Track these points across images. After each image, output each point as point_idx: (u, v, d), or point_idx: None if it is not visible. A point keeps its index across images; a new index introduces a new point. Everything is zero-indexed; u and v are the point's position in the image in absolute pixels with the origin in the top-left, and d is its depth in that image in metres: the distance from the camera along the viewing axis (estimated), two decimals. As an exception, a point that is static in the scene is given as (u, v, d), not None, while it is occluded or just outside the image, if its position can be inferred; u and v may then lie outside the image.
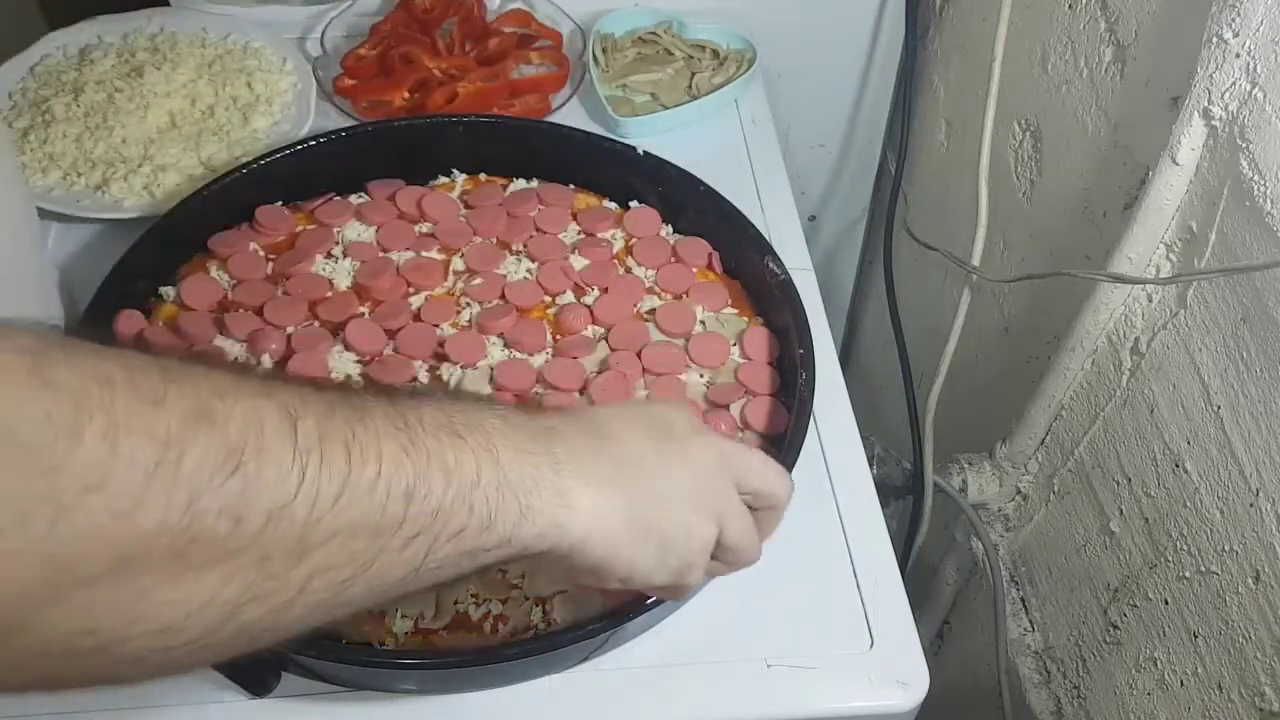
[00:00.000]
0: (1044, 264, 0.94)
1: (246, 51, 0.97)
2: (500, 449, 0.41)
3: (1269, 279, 0.63)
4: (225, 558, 0.33)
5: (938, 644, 1.17)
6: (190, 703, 0.62)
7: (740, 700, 0.64)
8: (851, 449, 0.77)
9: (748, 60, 1.02)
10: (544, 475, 0.42)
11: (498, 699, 0.63)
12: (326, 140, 0.83)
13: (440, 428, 0.40)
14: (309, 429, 0.35)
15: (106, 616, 0.32)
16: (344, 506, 0.35)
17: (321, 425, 0.36)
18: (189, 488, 0.32)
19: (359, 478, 0.36)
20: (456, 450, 0.39)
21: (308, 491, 0.34)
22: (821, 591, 0.69)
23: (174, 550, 0.32)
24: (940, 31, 1.13)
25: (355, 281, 0.78)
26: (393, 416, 0.38)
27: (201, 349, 0.73)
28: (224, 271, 0.78)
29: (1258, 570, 0.67)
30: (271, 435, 0.34)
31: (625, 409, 0.50)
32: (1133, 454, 0.81)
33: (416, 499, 0.38)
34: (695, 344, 0.76)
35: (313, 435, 0.35)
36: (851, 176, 1.32)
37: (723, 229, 0.81)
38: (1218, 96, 0.66)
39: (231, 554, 0.33)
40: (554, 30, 1.03)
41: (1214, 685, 0.73)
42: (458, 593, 0.62)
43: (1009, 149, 0.98)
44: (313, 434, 0.35)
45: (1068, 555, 0.91)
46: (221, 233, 0.80)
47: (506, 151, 0.86)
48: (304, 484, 0.34)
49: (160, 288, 0.77)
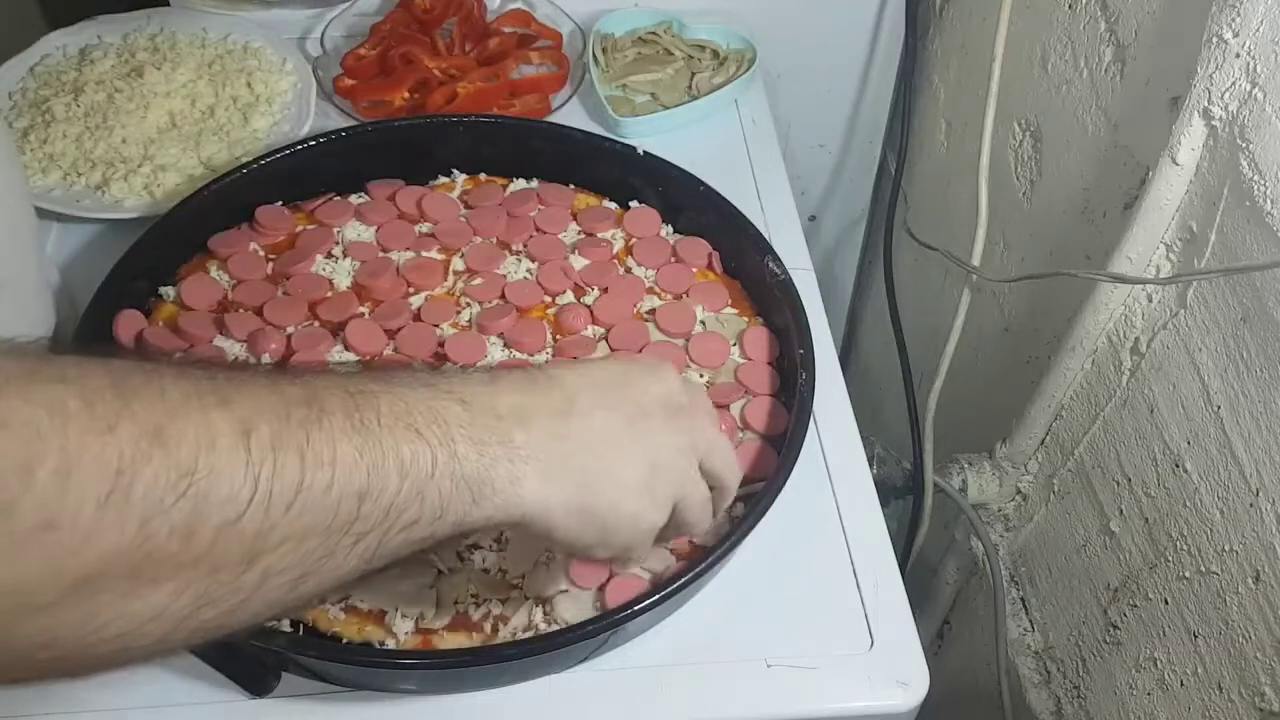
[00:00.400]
0: (1044, 264, 0.94)
1: (246, 51, 0.97)
2: (458, 441, 0.41)
3: (1269, 279, 0.63)
4: (177, 571, 0.34)
5: (938, 644, 1.17)
6: (190, 703, 0.62)
7: (740, 700, 0.64)
8: (851, 449, 0.77)
9: (748, 60, 1.02)
10: (500, 467, 0.43)
11: (498, 699, 0.63)
12: (326, 140, 0.83)
13: (398, 420, 0.40)
14: (263, 439, 0.36)
15: (65, 632, 0.33)
16: (297, 514, 0.36)
17: (276, 434, 0.36)
18: (141, 512, 0.33)
19: (312, 483, 0.36)
20: (413, 446, 0.40)
21: (260, 502, 0.35)
22: (821, 591, 0.69)
23: (128, 569, 0.33)
24: (940, 31, 1.13)
25: (355, 281, 0.78)
26: (350, 413, 0.39)
27: (201, 349, 0.73)
28: (224, 271, 0.78)
29: (1258, 570, 0.67)
30: (224, 452, 0.35)
31: (602, 373, 0.50)
32: (1133, 454, 0.81)
33: (370, 498, 0.38)
34: (695, 344, 0.76)
35: (266, 446, 0.36)
36: (851, 176, 1.32)
37: (723, 229, 0.81)
38: (1218, 96, 0.66)
39: (184, 567, 0.34)
40: (554, 30, 1.03)
41: (1214, 685, 0.73)
42: (458, 593, 0.62)
43: (1009, 149, 0.98)
44: (266, 444, 0.36)
45: (1068, 555, 0.91)
46: (221, 233, 0.80)
47: (506, 151, 0.86)
48: (256, 495, 0.35)
49: (160, 288, 0.77)
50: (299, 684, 0.62)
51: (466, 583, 0.63)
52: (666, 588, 0.60)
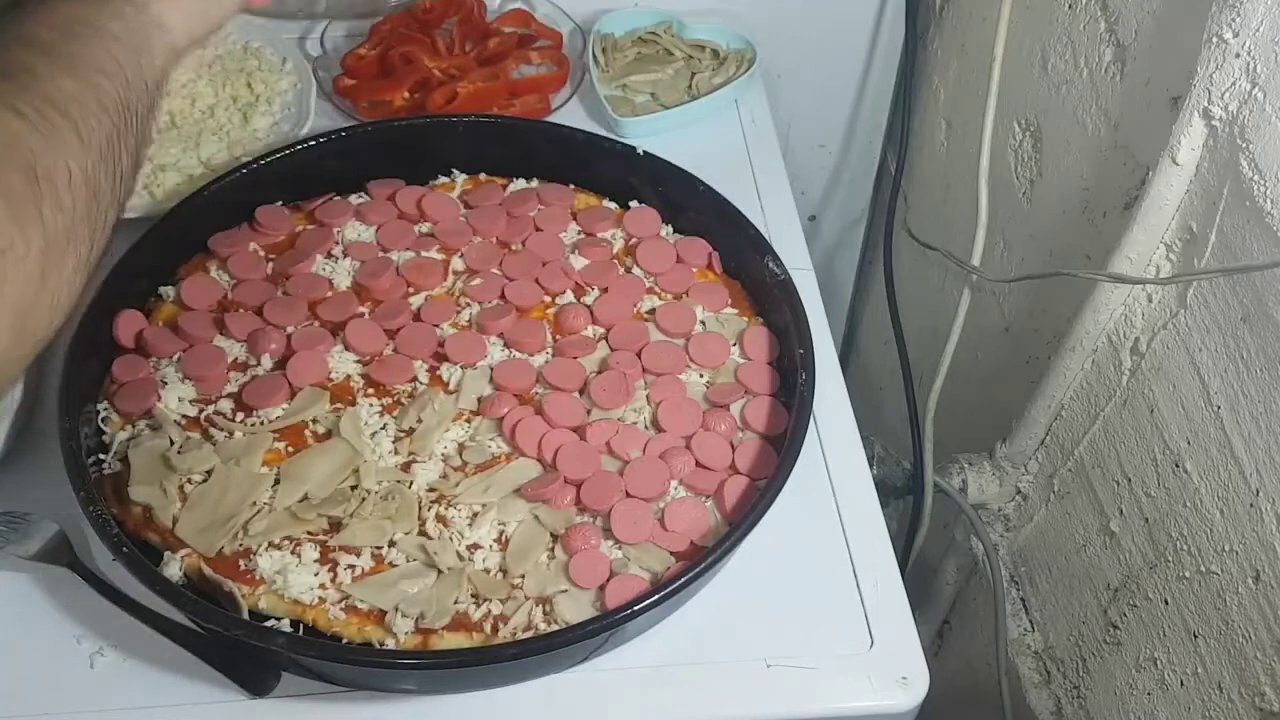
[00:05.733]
0: (1044, 264, 0.94)
1: (246, 51, 0.97)
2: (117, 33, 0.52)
3: (1269, 279, 0.64)
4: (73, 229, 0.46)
5: (938, 644, 1.17)
6: (190, 703, 0.62)
7: (740, 700, 0.64)
8: (851, 449, 0.77)
9: (748, 60, 1.02)
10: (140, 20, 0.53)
11: (498, 699, 0.63)
12: (326, 140, 0.83)
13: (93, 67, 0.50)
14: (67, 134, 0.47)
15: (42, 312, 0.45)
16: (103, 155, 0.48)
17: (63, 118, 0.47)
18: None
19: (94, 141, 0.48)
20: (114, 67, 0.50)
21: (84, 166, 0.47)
22: (821, 591, 0.69)
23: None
24: (940, 32, 1.13)
25: (355, 281, 0.78)
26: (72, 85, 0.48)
27: (201, 348, 0.73)
28: (224, 271, 0.78)
29: (1258, 570, 0.67)
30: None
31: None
32: (1133, 454, 0.81)
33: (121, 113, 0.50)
34: (695, 344, 0.76)
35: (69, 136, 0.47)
36: (851, 176, 1.32)
37: (723, 229, 0.81)
38: (1218, 96, 0.66)
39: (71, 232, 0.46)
40: (554, 30, 1.03)
41: (1214, 685, 0.73)
42: (458, 593, 0.62)
43: (1009, 149, 0.98)
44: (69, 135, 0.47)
45: (1068, 555, 0.91)
46: (221, 233, 0.80)
47: (506, 151, 0.86)
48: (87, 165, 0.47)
49: (160, 287, 0.77)
50: (299, 684, 0.62)
51: (466, 583, 0.63)
52: (666, 588, 0.61)
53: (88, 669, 0.63)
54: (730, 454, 0.70)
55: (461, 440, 0.70)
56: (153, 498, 0.65)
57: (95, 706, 0.62)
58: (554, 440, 0.70)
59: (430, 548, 0.64)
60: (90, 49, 0.50)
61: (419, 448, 0.68)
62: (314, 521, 0.64)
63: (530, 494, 0.67)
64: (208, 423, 0.69)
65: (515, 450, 0.70)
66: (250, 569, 0.63)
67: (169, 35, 0.54)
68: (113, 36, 0.51)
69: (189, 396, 0.71)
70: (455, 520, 0.66)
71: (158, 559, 0.63)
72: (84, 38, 0.50)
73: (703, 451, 0.70)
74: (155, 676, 0.63)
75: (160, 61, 0.54)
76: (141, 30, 0.53)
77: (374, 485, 0.66)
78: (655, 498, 0.68)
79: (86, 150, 0.47)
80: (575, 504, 0.67)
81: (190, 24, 0.56)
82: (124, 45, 0.51)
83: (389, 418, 0.70)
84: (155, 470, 0.66)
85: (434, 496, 0.67)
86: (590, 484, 0.68)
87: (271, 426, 0.69)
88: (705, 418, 0.72)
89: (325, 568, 0.63)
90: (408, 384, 0.72)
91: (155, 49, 0.53)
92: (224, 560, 0.63)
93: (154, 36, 0.53)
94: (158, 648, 0.61)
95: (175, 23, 0.54)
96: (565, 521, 0.66)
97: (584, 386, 0.73)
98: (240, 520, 0.64)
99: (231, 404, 0.70)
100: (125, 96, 0.50)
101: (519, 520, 0.66)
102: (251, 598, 0.62)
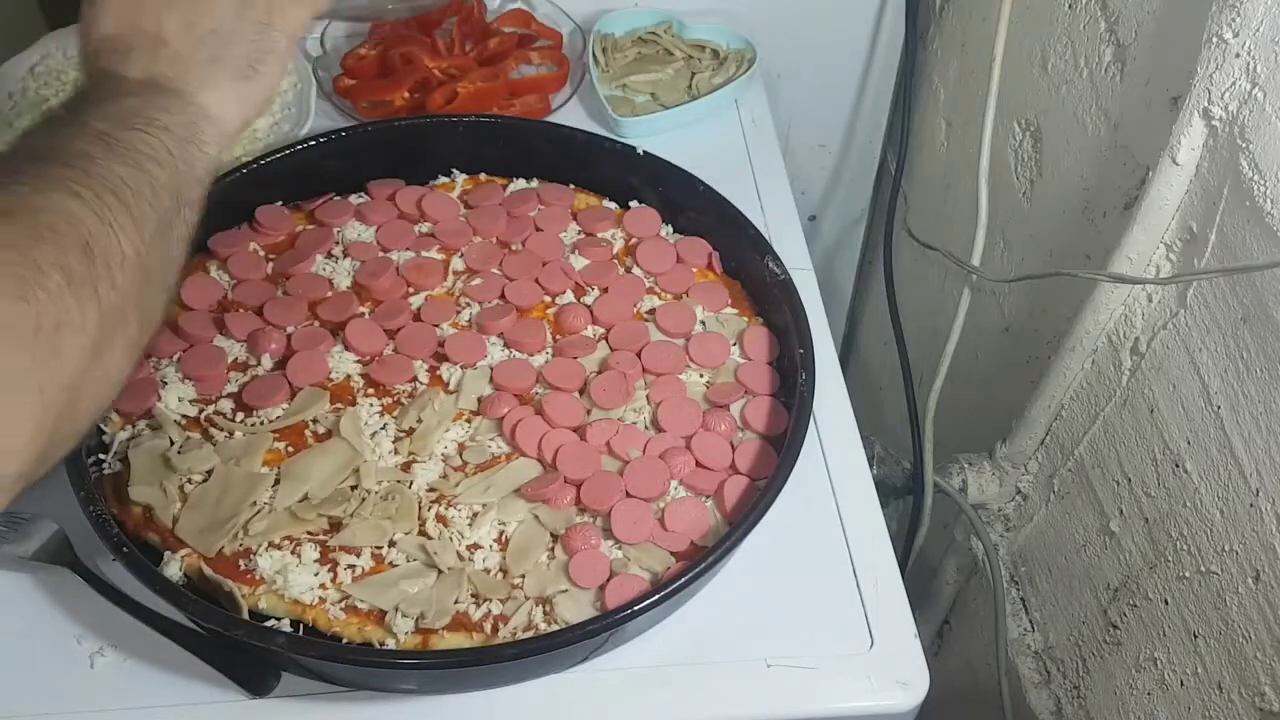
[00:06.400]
0: (1044, 264, 0.94)
1: (246, 51, 0.97)
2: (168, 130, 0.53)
3: (1269, 279, 0.64)
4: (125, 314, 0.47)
5: (938, 644, 1.17)
6: (190, 703, 0.62)
7: (740, 700, 0.64)
8: (851, 449, 0.77)
9: (748, 60, 1.02)
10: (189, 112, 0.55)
11: (498, 699, 0.63)
12: (326, 140, 0.83)
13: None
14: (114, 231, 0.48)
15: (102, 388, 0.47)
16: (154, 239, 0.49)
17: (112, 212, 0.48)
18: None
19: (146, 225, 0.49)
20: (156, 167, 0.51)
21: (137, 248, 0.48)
22: (821, 591, 0.69)
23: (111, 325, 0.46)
24: (940, 31, 1.13)
25: (355, 281, 0.78)
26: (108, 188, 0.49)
27: (201, 348, 0.73)
28: (224, 271, 0.78)
29: (1258, 570, 0.67)
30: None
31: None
32: (1133, 454, 0.81)
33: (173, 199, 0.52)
34: (695, 344, 0.76)
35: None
36: (851, 176, 1.32)
37: (723, 229, 0.81)
38: (1218, 96, 0.66)
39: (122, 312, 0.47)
40: (554, 30, 1.03)
41: (1214, 685, 0.73)
42: (458, 593, 0.62)
43: (1009, 149, 0.98)
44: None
45: (1068, 555, 0.91)
46: (221, 232, 0.80)
47: (506, 151, 0.86)
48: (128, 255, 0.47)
49: (160, 288, 0.77)
50: (299, 684, 0.62)
51: (466, 583, 0.63)
52: (666, 588, 0.61)
53: (88, 669, 0.63)
54: (730, 454, 0.70)
55: (461, 440, 0.70)
56: (153, 498, 0.65)
57: (95, 706, 0.62)
58: (554, 440, 0.70)
59: (430, 548, 0.64)
60: (143, 138, 0.51)
61: (419, 448, 0.69)
62: (314, 521, 0.65)
63: (530, 494, 0.67)
64: (208, 423, 0.69)
65: (515, 450, 0.70)
66: (250, 569, 0.63)
67: (218, 124, 0.56)
68: (162, 127, 0.52)
69: (189, 396, 0.71)
70: (455, 520, 0.66)
71: (158, 559, 0.63)
72: (137, 128, 0.51)
73: (703, 451, 0.70)
74: (155, 676, 0.63)
75: (213, 150, 0.55)
76: (190, 122, 0.54)
77: (374, 485, 0.66)
78: (655, 498, 0.68)
79: (140, 233, 0.48)
80: (575, 504, 0.67)
81: (236, 110, 0.57)
82: (174, 136, 0.53)
83: (389, 418, 0.70)
84: (155, 470, 0.66)
85: (434, 496, 0.67)
86: (590, 484, 0.68)
87: (271, 426, 0.69)
88: (705, 418, 0.72)
89: (325, 568, 0.63)
90: (408, 384, 0.72)
91: (206, 137, 0.55)
92: (224, 560, 0.63)
93: (203, 126, 0.55)
94: (158, 648, 0.61)
95: (222, 111, 0.56)
96: (565, 521, 0.66)
97: (584, 386, 0.73)
98: (240, 520, 0.64)
99: (231, 404, 0.70)
100: (176, 184, 0.52)
101: (519, 520, 0.66)
102: (251, 598, 0.62)
